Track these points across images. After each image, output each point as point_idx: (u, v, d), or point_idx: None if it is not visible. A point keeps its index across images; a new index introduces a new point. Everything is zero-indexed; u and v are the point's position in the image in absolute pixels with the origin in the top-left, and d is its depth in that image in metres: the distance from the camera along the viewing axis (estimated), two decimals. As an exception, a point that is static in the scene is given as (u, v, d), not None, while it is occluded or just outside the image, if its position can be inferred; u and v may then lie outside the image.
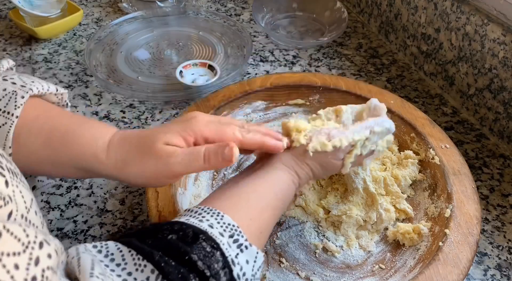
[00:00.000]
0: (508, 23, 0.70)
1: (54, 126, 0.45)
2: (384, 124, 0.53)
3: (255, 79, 0.72)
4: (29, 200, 0.31)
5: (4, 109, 0.44)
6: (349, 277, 0.55)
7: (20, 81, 0.46)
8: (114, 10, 1.04)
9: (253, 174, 0.48)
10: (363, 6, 1.02)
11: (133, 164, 0.44)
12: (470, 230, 0.53)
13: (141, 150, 0.44)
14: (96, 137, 0.45)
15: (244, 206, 0.43)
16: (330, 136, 0.50)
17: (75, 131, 0.45)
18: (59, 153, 0.45)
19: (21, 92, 0.45)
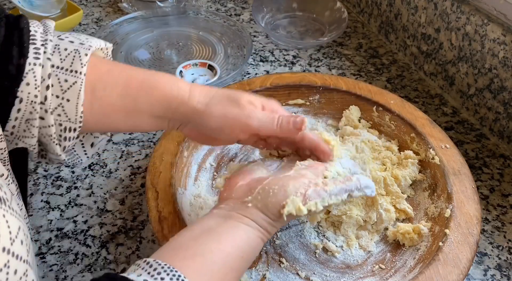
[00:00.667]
0: (508, 23, 0.70)
1: (131, 76, 0.47)
2: (365, 190, 0.49)
3: (255, 79, 0.72)
4: (15, 228, 0.31)
5: (71, 69, 0.44)
6: (349, 277, 0.55)
7: (76, 39, 0.46)
8: (114, 10, 1.04)
9: (220, 226, 0.44)
10: (363, 6, 1.02)
11: (217, 107, 0.47)
12: (470, 230, 0.53)
13: (227, 98, 0.48)
14: (174, 82, 0.48)
15: (208, 270, 0.40)
16: (306, 197, 0.45)
17: (150, 78, 0.47)
18: (138, 100, 0.47)
19: (83, 50, 0.45)
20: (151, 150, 0.71)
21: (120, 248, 0.59)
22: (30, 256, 0.33)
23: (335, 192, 0.47)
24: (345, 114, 0.71)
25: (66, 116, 0.45)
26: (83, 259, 0.57)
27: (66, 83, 0.44)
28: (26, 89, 0.42)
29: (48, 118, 0.44)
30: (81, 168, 0.69)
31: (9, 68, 0.41)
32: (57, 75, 0.44)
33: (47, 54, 0.44)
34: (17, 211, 0.32)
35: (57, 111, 0.44)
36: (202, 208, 0.60)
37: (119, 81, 0.47)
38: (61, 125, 0.45)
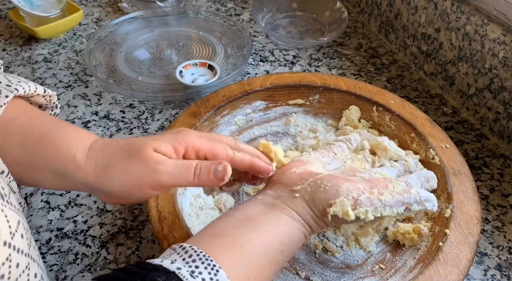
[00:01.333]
0: (508, 23, 0.70)
1: (33, 126, 0.42)
2: (426, 204, 0.45)
3: (255, 79, 0.72)
4: (15, 223, 0.31)
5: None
6: (349, 277, 0.55)
7: (5, 80, 0.44)
8: (114, 10, 1.04)
9: (263, 215, 0.42)
10: (363, 6, 1.02)
11: (116, 168, 0.41)
12: (470, 230, 0.53)
13: (127, 154, 0.41)
14: (76, 139, 0.42)
15: (246, 261, 0.38)
16: (357, 202, 0.42)
17: (54, 132, 0.42)
18: (34, 154, 0.42)
19: (5, 91, 0.42)
20: (151, 150, 0.71)
21: (120, 248, 0.59)
22: (32, 249, 0.33)
23: (391, 204, 0.43)
24: (345, 114, 0.71)
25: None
26: (83, 259, 0.57)
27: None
28: None
29: None
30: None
31: None
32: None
33: None
34: (16, 205, 0.32)
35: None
36: (202, 208, 0.60)
37: (22, 129, 0.42)
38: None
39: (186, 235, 0.51)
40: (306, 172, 0.45)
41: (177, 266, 0.34)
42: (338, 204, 0.42)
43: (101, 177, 0.41)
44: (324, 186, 0.43)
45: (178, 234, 0.51)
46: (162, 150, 0.41)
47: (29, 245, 0.32)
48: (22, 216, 0.33)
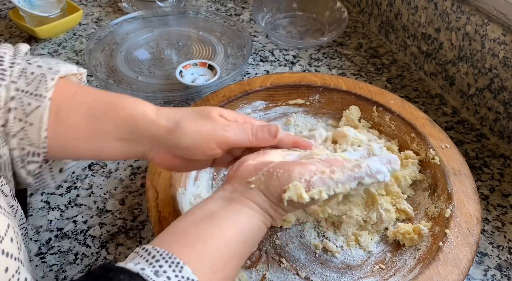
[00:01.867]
0: (508, 23, 0.70)
1: (96, 97, 0.45)
2: (377, 176, 0.46)
3: (255, 79, 0.72)
4: (4, 226, 0.30)
5: (35, 93, 0.43)
6: (349, 277, 0.55)
7: (45, 64, 0.45)
8: (114, 10, 1.04)
9: (222, 210, 0.43)
10: (363, 6, 1.02)
11: (188, 124, 0.45)
12: (470, 230, 0.53)
13: (197, 114, 0.47)
14: (142, 103, 0.46)
15: (210, 256, 0.39)
16: (310, 184, 0.43)
17: (118, 100, 0.46)
18: (101, 121, 0.45)
19: (50, 75, 0.44)
20: (151, 150, 0.71)
21: (120, 248, 0.59)
22: (22, 253, 0.33)
23: (343, 181, 0.44)
24: (345, 114, 0.71)
25: (29, 141, 0.43)
26: (83, 259, 0.57)
27: (30, 107, 0.43)
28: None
29: (10, 141, 0.43)
30: (81, 168, 0.69)
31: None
32: (21, 99, 0.43)
33: (13, 77, 0.43)
34: (6, 208, 0.32)
35: (20, 135, 0.43)
36: (202, 208, 0.60)
37: (84, 102, 0.45)
38: (24, 150, 0.43)
39: (186, 235, 0.51)
40: (261, 163, 0.46)
41: (141, 267, 0.35)
42: (291, 189, 0.43)
43: (173, 131, 0.45)
44: (276, 174, 0.44)
45: (178, 234, 0.51)
46: (227, 116, 0.48)
47: (19, 249, 0.32)
48: (12, 220, 0.32)
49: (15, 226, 0.33)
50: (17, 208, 0.44)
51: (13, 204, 0.43)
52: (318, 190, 0.43)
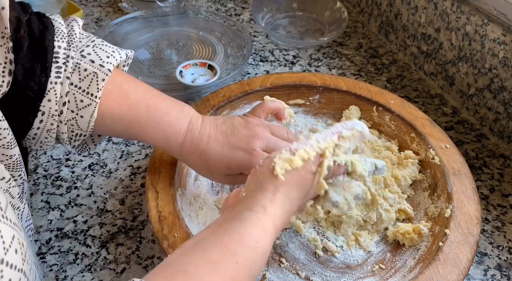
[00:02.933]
0: (508, 23, 0.70)
1: (134, 119, 0.51)
2: (354, 126, 0.45)
3: (255, 79, 0.72)
4: (9, 238, 0.31)
5: (87, 91, 0.48)
6: (349, 277, 0.55)
7: (97, 59, 0.49)
8: (114, 10, 1.04)
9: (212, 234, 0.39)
10: (363, 6, 1.02)
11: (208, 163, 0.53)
12: (470, 230, 0.53)
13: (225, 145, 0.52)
14: (170, 137, 0.52)
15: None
16: (292, 150, 0.42)
17: (152, 129, 0.51)
18: (141, 135, 0.53)
19: (101, 75, 0.48)
20: (151, 150, 0.71)
21: (120, 248, 0.59)
22: (26, 264, 0.33)
23: (322, 137, 0.43)
24: (345, 114, 0.71)
25: (78, 127, 0.49)
26: (83, 259, 0.57)
27: (82, 103, 0.48)
28: (48, 104, 0.46)
29: (62, 127, 0.48)
30: (81, 168, 0.69)
31: (31, 84, 0.45)
32: (74, 94, 0.48)
33: (67, 72, 0.47)
34: (12, 219, 0.32)
35: (71, 122, 0.49)
36: (202, 208, 0.60)
37: (125, 119, 0.51)
38: (73, 132, 0.50)
39: (186, 235, 0.51)
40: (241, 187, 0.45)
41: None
42: (278, 160, 0.41)
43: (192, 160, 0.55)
44: (259, 168, 0.42)
45: (178, 234, 0.51)
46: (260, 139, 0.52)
47: (23, 260, 0.32)
48: (17, 230, 0.32)
49: (21, 237, 0.33)
50: (23, 209, 0.45)
51: (19, 206, 0.44)
52: (303, 150, 0.42)
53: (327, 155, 0.42)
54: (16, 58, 0.43)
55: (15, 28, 0.43)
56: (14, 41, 0.43)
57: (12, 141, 0.43)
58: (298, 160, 0.41)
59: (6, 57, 0.42)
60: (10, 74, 0.43)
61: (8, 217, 0.32)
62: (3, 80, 0.42)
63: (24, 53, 0.44)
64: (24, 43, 0.44)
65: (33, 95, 0.45)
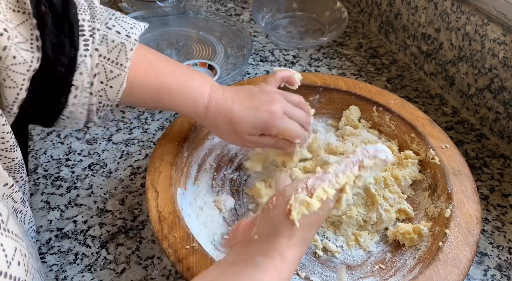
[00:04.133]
0: (508, 23, 0.70)
1: (161, 85, 0.53)
2: (377, 154, 0.40)
3: (255, 79, 0.72)
4: (11, 250, 0.30)
5: (117, 61, 0.49)
6: (349, 277, 0.55)
7: (122, 30, 0.50)
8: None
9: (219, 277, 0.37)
10: (363, 6, 1.02)
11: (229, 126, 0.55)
12: (470, 230, 0.53)
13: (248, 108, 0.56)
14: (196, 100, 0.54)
15: None
16: (309, 188, 0.38)
17: (179, 92, 0.53)
18: (166, 107, 0.55)
19: (129, 45, 0.49)
20: (151, 150, 0.71)
21: (120, 248, 0.59)
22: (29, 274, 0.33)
23: (341, 169, 0.39)
24: (345, 114, 0.71)
25: (106, 97, 0.50)
26: (83, 259, 0.57)
27: (111, 74, 0.49)
28: (80, 77, 0.47)
29: (91, 99, 0.49)
30: (81, 168, 0.69)
31: (62, 59, 0.45)
32: (104, 65, 0.48)
33: (95, 44, 0.47)
34: (14, 230, 0.32)
35: (100, 93, 0.49)
36: (202, 208, 0.60)
37: (153, 86, 0.52)
38: (101, 103, 0.50)
39: (186, 235, 0.51)
40: (255, 217, 0.41)
41: None
42: (294, 203, 0.37)
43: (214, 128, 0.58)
44: (271, 205, 0.39)
45: (178, 234, 0.51)
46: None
47: (26, 271, 0.32)
48: (19, 242, 0.32)
49: (23, 248, 0.33)
50: (26, 212, 0.45)
51: (21, 209, 0.44)
52: (321, 189, 0.38)
53: (347, 191, 0.39)
54: (42, 35, 0.43)
55: (35, 4, 0.43)
56: (37, 17, 0.43)
57: (15, 144, 0.43)
58: (315, 203, 0.37)
59: (32, 33, 0.43)
60: (39, 50, 0.43)
61: (10, 229, 0.32)
62: (32, 56, 0.43)
63: (50, 28, 0.44)
64: (47, 18, 0.44)
65: (64, 70, 0.45)
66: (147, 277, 0.56)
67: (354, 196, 0.59)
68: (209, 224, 0.58)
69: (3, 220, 0.31)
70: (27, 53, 0.42)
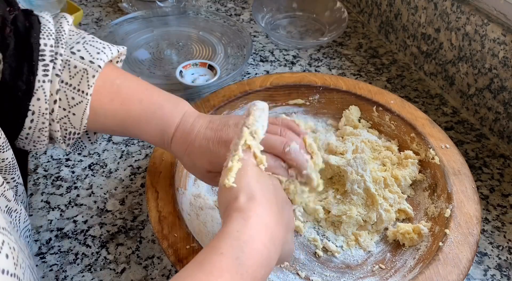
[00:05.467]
0: (508, 23, 0.70)
1: (127, 114, 0.50)
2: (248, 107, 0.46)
3: (255, 79, 0.72)
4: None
5: (78, 88, 0.47)
6: (349, 277, 0.55)
7: (87, 55, 0.48)
8: (114, 10, 1.04)
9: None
10: (363, 6, 1.02)
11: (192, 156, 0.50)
12: (470, 230, 0.53)
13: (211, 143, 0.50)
14: (163, 130, 0.51)
15: None
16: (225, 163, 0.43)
17: (145, 122, 0.51)
18: (132, 135, 0.53)
19: (91, 71, 0.47)
20: (151, 150, 0.71)
21: (120, 248, 0.59)
22: (19, 268, 0.33)
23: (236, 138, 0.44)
24: (345, 114, 0.71)
25: (71, 125, 0.49)
26: (83, 259, 0.57)
27: (73, 101, 0.47)
28: (37, 103, 0.45)
29: (54, 125, 0.48)
30: (81, 168, 0.69)
31: (19, 84, 0.44)
32: (65, 92, 0.47)
33: (56, 70, 0.46)
34: (1, 224, 0.32)
35: (63, 121, 0.48)
36: (202, 208, 0.60)
37: (118, 114, 0.50)
38: (66, 130, 0.49)
39: (186, 235, 0.51)
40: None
41: None
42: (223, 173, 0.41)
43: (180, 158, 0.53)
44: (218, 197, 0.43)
45: (178, 234, 0.51)
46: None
47: (15, 264, 0.32)
48: (7, 235, 0.32)
49: (11, 241, 0.32)
50: (21, 211, 0.45)
51: (16, 208, 0.43)
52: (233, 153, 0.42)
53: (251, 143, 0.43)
54: (3, 57, 0.43)
55: (0, 26, 0.43)
56: (0, 40, 0.43)
57: (5, 144, 0.42)
58: (236, 164, 0.41)
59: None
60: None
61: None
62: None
63: (11, 52, 0.44)
64: (10, 41, 0.44)
65: (21, 94, 0.44)
66: (147, 277, 0.56)
67: (354, 196, 0.59)
68: (209, 224, 0.58)
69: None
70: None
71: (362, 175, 0.59)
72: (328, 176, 0.63)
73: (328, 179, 0.63)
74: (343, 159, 0.61)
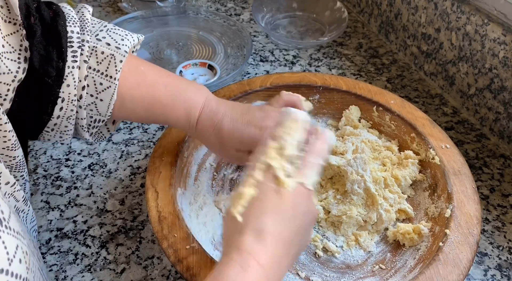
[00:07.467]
0: (508, 23, 0.70)
1: (154, 98, 0.51)
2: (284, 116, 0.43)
3: (255, 79, 0.72)
4: (13, 248, 0.30)
5: (106, 73, 0.48)
6: (349, 277, 0.55)
7: (113, 41, 0.49)
8: (114, 10, 1.04)
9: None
10: (363, 6, 1.02)
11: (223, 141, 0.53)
12: (470, 230, 0.53)
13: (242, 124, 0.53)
14: (189, 113, 0.53)
15: None
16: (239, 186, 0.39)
17: (172, 105, 0.52)
18: (158, 119, 0.54)
19: (119, 56, 0.48)
20: (151, 150, 0.71)
21: (120, 248, 0.59)
22: (30, 272, 0.33)
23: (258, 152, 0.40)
24: (345, 114, 0.71)
25: (97, 111, 0.50)
26: (83, 259, 0.57)
27: (101, 86, 0.48)
28: (67, 89, 0.46)
29: (81, 112, 0.48)
30: (81, 168, 0.69)
31: (49, 70, 0.44)
32: (93, 77, 0.48)
33: (84, 56, 0.47)
34: (15, 228, 0.32)
35: (90, 107, 0.49)
36: (202, 208, 0.60)
37: (145, 98, 0.51)
38: (92, 117, 0.50)
39: (186, 235, 0.51)
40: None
41: None
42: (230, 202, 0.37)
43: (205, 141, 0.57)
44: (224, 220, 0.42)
45: (178, 234, 0.51)
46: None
47: (28, 269, 0.32)
48: (21, 239, 0.32)
49: (24, 245, 0.33)
50: (28, 211, 0.45)
51: (24, 208, 0.44)
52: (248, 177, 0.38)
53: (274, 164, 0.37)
54: (31, 45, 0.43)
55: (25, 15, 0.43)
56: (27, 28, 0.43)
57: (16, 142, 0.43)
58: (248, 190, 0.36)
59: (21, 44, 0.43)
60: (26, 61, 0.43)
61: (12, 227, 0.32)
62: (18, 66, 0.42)
63: (38, 39, 0.44)
64: (37, 29, 0.44)
65: (51, 81, 0.45)
66: (147, 277, 0.56)
67: (354, 196, 0.59)
68: (209, 224, 0.58)
69: (4, 217, 0.31)
70: (13, 63, 0.42)
71: (362, 175, 0.59)
72: (328, 176, 0.63)
73: (328, 179, 0.63)
74: (343, 159, 0.61)
